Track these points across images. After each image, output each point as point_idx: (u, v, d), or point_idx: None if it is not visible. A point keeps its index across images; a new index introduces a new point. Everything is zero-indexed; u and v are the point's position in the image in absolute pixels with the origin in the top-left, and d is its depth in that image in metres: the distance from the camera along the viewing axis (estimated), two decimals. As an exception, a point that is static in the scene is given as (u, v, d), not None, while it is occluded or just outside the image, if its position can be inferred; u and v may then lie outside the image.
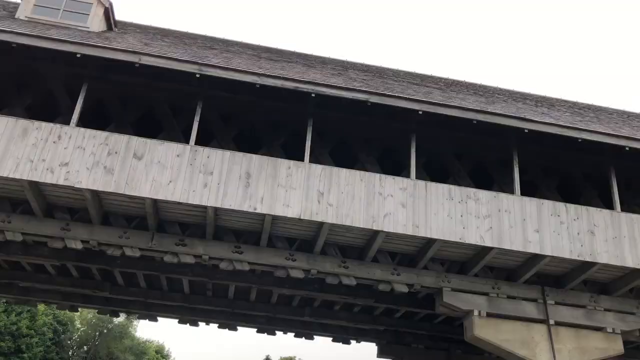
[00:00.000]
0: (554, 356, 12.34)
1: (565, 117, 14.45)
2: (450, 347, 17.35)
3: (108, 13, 13.94)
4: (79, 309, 17.73)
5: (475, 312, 12.52)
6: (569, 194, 14.34)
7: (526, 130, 12.21)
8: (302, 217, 11.08)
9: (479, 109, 12.22)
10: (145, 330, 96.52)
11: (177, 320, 17.22)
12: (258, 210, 10.95)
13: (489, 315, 12.59)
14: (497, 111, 12.37)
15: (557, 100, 18.46)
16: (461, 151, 13.86)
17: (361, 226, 11.31)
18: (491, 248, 11.72)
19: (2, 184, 11.01)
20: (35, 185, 10.76)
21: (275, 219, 11.27)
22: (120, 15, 14.02)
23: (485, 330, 12.48)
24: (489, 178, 13.99)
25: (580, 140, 12.37)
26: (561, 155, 13.62)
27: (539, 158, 13.77)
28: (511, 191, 12.67)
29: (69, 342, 57.19)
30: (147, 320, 17.04)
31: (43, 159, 10.67)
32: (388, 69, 17.73)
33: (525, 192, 14.00)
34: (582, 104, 18.53)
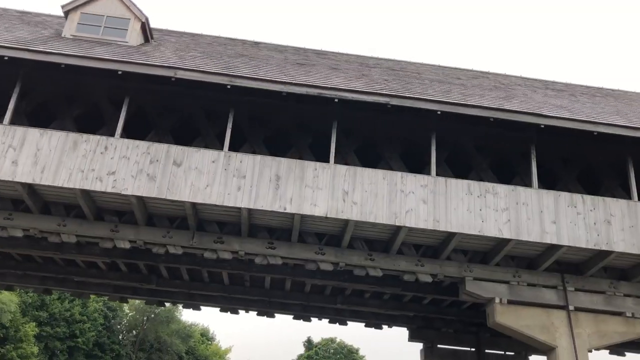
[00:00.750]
0: (573, 340, 12.94)
1: (585, 108, 14.82)
2: (479, 331, 18.01)
3: (145, 27, 14.93)
4: (128, 300, 19.08)
5: (497, 300, 13.19)
6: (590, 183, 14.75)
7: (542, 126, 12.72)
8: (328, 216, 11.93)
9: (495, 107, 12.78)
10: (190, 314, 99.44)
11: (218, 309, 18.39)
12: (287, 210, 11.86)
13: (510, 302, 13.25)
14: (514, 108, 12.90)
15: (581, 87, 18.70)
16: (482, 144, 14.40)
17: (384, 222, 12.10)
18: (509, 240, 12.35)
19: (58, 192, 12.19)
20: (86, 193, 11.91)
21: (303, 217, 12.16)
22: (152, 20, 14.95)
23: (507, 317, 13.15)
24: (511, 170, 14.53)
25: (595, 134, 12.80)
26: (581, 146, 13.98)
27: (559, 149, 14.19)
28: (531, 183, 13.23)
29: (118, 327, 59.83)
30: (191, 309, 18.24)
31: (92, 168, 11.79)
32: (412, 64, 18.28)
33: (546, 183, 14.54)
34: (606, 90, 18.72)
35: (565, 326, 13.12)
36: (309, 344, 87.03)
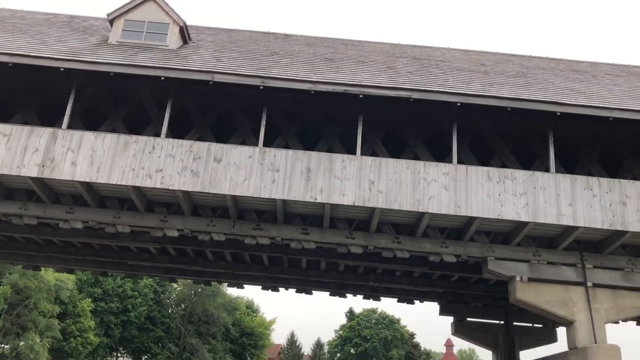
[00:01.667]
0: (591, 315, 13.73)
1: (604, 91, 15.29)
2: (507, 305, 18.88)
3: (183, 31, 16.04)
4: (177, 280, 20.66)
5: (518, 278, 14.06)
6: (611, 164, 15.29)
7: (558, 114, 13.35)
8: (355, 204, 12.97)
9: (512, 96, 13.46)
10: (235, 289, 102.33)
11: (260, 287, 19.80)
12: (318, 200, 12.95)
13: (530, 280, 14.09)
14: (531, 97, 13.54)
15: (606, 66, 18.98)
16: (503, 130, 15.09)
17: (408, 209, 13.06)
18: (527, 222, 13.15)
19: (112, 189, 13.58)
20: (137, 189, 13.26)
21: (333, 206, 13.23)
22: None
23: (527, 294, 14.02)
24: (532, 154, 15.20)
25: (611, 119, 13.36)
26: (599, 129, 14.53)
27: (578, 132, 14.76)
28: (556, 165, 13.95)
29: (167, 301, 62.74)
30: (235, 287, 19.70)
31: (142, 167, 13.09)
32: (437, 50, 18.90)
33: (567, 165, 15.17)
34: (633, 67, 18.95)
35: (583, 301, 13.90)
36: (350, 314, 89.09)
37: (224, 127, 15.27)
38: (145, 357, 61.69)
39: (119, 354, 62.60)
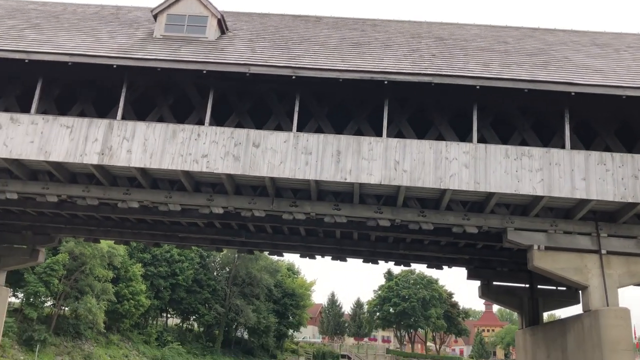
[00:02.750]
0: (604, 280, 14.79)
1: (621, 68, 15.90)
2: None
3: (220, 22, 17.26)
4: (223, 249, 22.44)
5: (535, 247, 15.15)
6: (629, 138, 16.00)
7: (573, 94, 14.16)
8: (382, 183, 14.21)
9: (529, 79, 14.31)
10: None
11: (298, 255, 21.41)
12: (347, 180, 14.24)
13: (547, 248, 15.17)
14: (546, 79, 14.36)
15: (632, 37, 19.36)
16: (524, 107, 15.94)
17: (431, 186, 14.23)
18: (542, 197, 14.17)
19: (163, 172, 15.16)
20: (186, 173, 14.80)
21: (361, 185, 14.50)
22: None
23: (544, 261, 15.13)
24: (551, 130, 16.04)
25: (624, 97, 14.09)
26: (614, 105, 15.22)
27: (594, 108, 15.50)
28: (574, 140, 14.83)
29: (212, 264, 65.68)
30: (275, 256, 21.35)
31: (189, 153, 14.59)
32: (461, 28, 19.62)
33: (585, 139, 15.99)
34: (658, 38, 19.28)
35: (597, 268, 14.94)
36: (389, 275, 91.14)
37: (261, 112, 16.58)
38: (193, 317, 65.19)
39: (168, 315, 66.29)
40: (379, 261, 21.21)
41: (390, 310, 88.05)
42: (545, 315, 20.57)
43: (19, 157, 14.76)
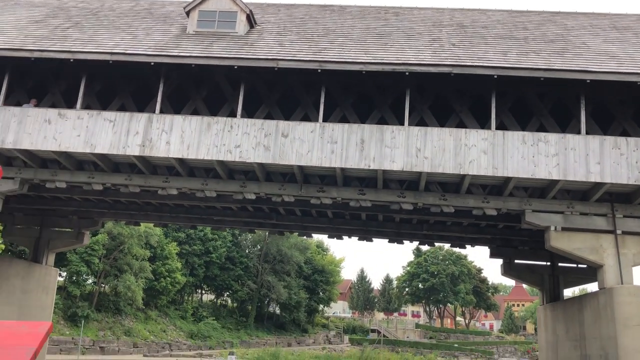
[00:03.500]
0: (619, 259, 15.45)
1: (639, 52, 16.29)
2: (552, 248, 20.63)
3: (249, 17, 18.13)
4: (255, 231, 23.61)
5: (552, 228, 15.86)
6: (645, 120, 16.47)
7: (588, 81, 14.70)
8: (404, 169, 15.06)
9: (545, 67, 14.88)
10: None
11: (326, 236, 22.46)
12: (371, 167, 15.12)
13: (564, 229, 15.87)
14: (562, 67, 14.91)
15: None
16: (541, 93, 16.51)
17: (450, 172, 15.02)
18: (558, 180, 14.84)
19: (199, 162, 16.26)
20: (220, 162, 15.86)
21: (385, 171, 15.37)
22: None
23: (560, 241, 15.85)
24: (569, 114, 16.59)
25: (639, 83, 14.58)
26: (632, 89, 15.65)
27: (612, 93, 15.99)
28: (591, 123, 15.39)
29: (244, 242, 67.43)
30: (305, 237, 22.46)
31: (223, 143, 15.63)
32: (483, 14, 20.08)
33: (603, 122, 16.51)
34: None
35: (612, 247, 15.60)
36: (418, 251, 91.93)
37: (289, 102, 17.50)
38: (227, 293, 67.34)
39: (203, 291, 68.58)
40: (404, 241, 22.11)
41: (419, 285, 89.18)
42: (571, 292, 21.26)
43: (67, 150, 16.02)
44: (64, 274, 46.02)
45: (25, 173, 17.33)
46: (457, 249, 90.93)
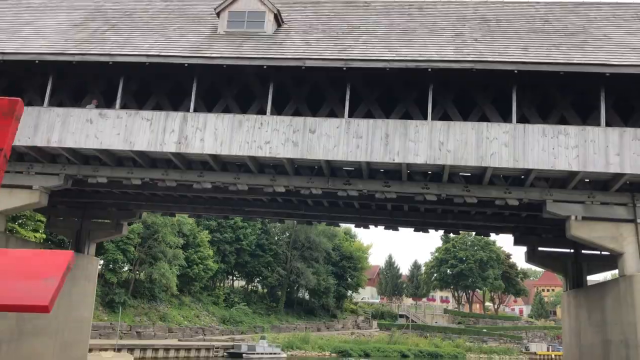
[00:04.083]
0: (639, 247, 15.85)
1: (660, 44, 16.50)
2: (576, 235, 21.00)
3: (277, 17, 18.82)
4: (284, 221, 24.50)
5: (573, 217, 16.32)
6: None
7: (607, 74, 15.05)
8: (427, 162, 15.67)
9: (564, 61, 15.28)
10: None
11: (353, 225, 23.20)
12: (395, 161, 15.77)
13: (584, 218, 16.31)
14: (581, 61, 15.27)
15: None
16: (562, 84, 16.86)
17: (473, 165, 15.58)
18: (578, 172, 15.27)
19: (232, 157, 17.11)
20: (252, 157, 16.69)
21: (409, 164, 16.00)
22: None
23: (581, 230, 16.31)
24: (590, 105, 16.92)
25: (658, 76, 14.87)
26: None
27: (633, 84, 16.23)
28: (612, 115, 15.77)
29: (273, 229, 68.62)
30: (332, 226, 23.24)
31: (254, 140, 16.45)
32: (506, 5, 20.38)
33: (624, 114, 16.83)
34: None
35: (632, 236, 16.00)
36: (446, 237, 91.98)
37: (315, 98, 18.20)
38: (257, 279, 68.82)
39: (234, 278, 70.19)
40: (429, 230, 22.72)
41: (448, 271, 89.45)
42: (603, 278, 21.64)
43: (108, 148, 17.04)
44: (101, 262, 47.78)
45: (69, 169, 18.44)
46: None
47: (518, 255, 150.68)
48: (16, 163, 18.56)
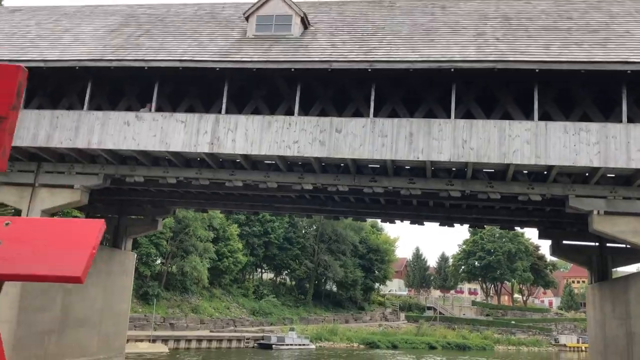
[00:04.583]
0: (661, 241, 16.12)
1: (683, 40, 16.65)
2: (600, 229, 21.24)
3: (303, 19, 19.44)
4: (312, 216, 25.22)
5: (595, 212, 16.64)
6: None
7: (629, 72, 15.31)
8: (451, 160, 16.16)
9: (585, 60, 15.57)
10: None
11: (379, 220, 23.79)
12: (419, 159, 16.30)
13: (606, 213, 16.61)
14: (602, 59, 15.55)
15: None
16: (584, 81, 17.14)
17: (495, 162, 16.01)
18: (599, 168, 15.60)
19: (262, 157, 17.85)
20: (281, 157, 17.40)
21: (433, 162, 16.51)
22: None
23: (603, 225, 16.63)
24: (613, 101, 17.17)
25: (679, 73, 15.08)
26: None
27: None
28: (635, 111, 16.05)
29: (301, 223, 69.47)
30: (359, 221, 23.87)
31: (283, 140, 17.15)
32: (528, 3, 20.63)
33: (646, 110, 17.03)
34: None
35: (655, 230, 16.26)
36: (473, 229, 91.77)
37: (341, 98, 18.80)
38: (286, 272, 69.88)
39: (263, 270, 71.36)
40: (455, 224, 23.17)
41: (476, 263, 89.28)
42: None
43: (145, 149, 17.93)
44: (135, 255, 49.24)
45: (107, 169, 19.43)
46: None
47: (547, 247, 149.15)
48: (58, 164, 19.64)
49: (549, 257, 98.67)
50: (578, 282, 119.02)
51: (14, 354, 17.91)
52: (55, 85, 19.82)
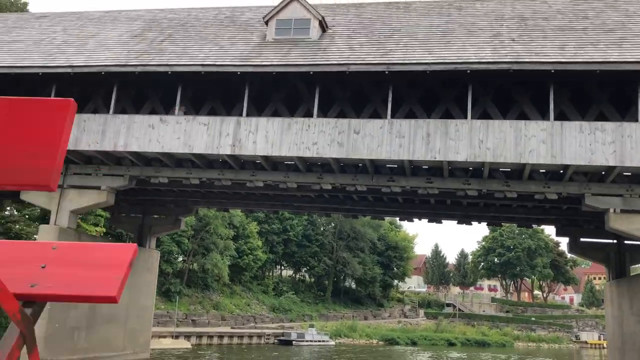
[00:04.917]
0: (678, 239, 16.27)
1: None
2: (618, 226, 21.36)
3: (321, 23, 19.84)
4: (331, 215, 25.63)
5: (611, 210, 16.83)
6: None
7: (644, 71, 15.46)
8: (467, 160, 16.46)
9: (600, 60, 15.76)
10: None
11: (397, 219, 24.13)
12: (437, 159, 16.63)
13: (623, 211, 16.79)
14: (617, 59, 15.72)
15: None
16: (601, 79, 17.30)
17: (511, 162, 16.29)
18: (615, 167, 15.79)
19: (282, 158, 18.31)
20: (300, 158, 17.85)
21: (449, 162, 16.83)
22: None
23: (619, 223, 16.81)
24: (630, 101, 17.31)
25: (695, 72, 15.20)
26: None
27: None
28: None
29: (319, 220, 69.91)
30: (377, 220, 24.24)
31: (302, 141, 17.59)
32: (544, 3, 20.79)
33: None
34: None
35: (671, 228, 16.41)
36: (493, 226, 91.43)
37: (359, 99, 19.18)
38: (305, 269, 70.47)
39: (282, 267, 72.03)
40: (472, 222, 23.43)
41: (495, 260, 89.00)
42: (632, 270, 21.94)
43: (169, 151, 18.50)
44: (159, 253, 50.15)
45: (133, 171, 20.06)
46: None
47: (566, 243, 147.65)
48: (85, 166, 20.33)
49: (570, 254, 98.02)
50: (599, 278, 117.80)
51: (46, 348, 18.65)
52: (80, 90, 20.47)
